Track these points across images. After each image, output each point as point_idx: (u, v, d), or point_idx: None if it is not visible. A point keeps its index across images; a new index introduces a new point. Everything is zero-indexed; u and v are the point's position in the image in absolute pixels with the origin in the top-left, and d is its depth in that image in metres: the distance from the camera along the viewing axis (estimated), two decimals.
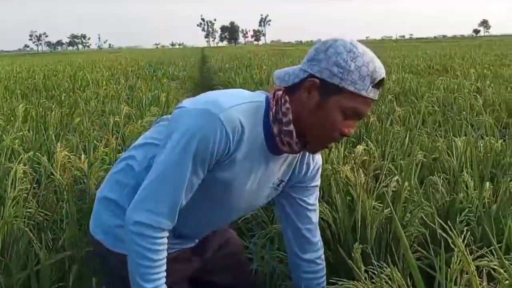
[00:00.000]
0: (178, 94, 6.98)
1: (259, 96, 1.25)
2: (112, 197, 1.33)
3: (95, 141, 3.16)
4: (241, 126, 1.17)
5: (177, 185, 1.17)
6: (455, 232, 1.31)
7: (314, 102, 1.17)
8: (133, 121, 3.97)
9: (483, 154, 2.64)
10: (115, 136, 3.30)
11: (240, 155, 1.20)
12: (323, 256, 1.53)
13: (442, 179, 2.29)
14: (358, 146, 2.66)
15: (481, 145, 2.71)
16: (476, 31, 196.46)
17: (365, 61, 1.14)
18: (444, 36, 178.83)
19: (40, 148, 3.01)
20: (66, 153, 2.69)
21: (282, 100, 1.20)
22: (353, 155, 2.61)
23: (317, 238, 1.51)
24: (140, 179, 1.24)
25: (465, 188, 2.18)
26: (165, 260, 1.21)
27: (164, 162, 1.17)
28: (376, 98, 1.19)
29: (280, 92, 1.22)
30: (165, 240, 1.21)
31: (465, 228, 2.02)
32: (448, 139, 2.96)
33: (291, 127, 1.19)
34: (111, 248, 1.32)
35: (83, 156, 2.77)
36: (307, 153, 1.38)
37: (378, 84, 1.16)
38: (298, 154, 1.36)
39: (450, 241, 1.22)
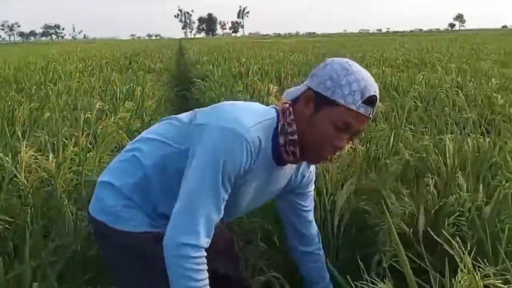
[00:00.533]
0: (154, 88, 6.76)
1: (271, 112, 1.34)
2: (116, 184, 1.39)
3: (64, 139, 2.97)
4: (259, 143, 1.27)
5: (211, 205, 1.25)
6: (457, 242, 1.21)
7: (309, 112, 1.27)
8: (106, 117, 3.78)
9: (471, 153, 2.55)
10: (86, 133, 3.12)
11: (254, 166, 1.31)
12: (321, 247, 1.71)
13: (433, 180, 2.20)
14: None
15: (469, 143, 2.61)
16: (452, 25, 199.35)
17: (357, 78, 1.23)
18: (420, 30, 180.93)
19: (4, 147, 2.81)
20: (33, 153, 2.51)
21: (287, 112, 1.30)
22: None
23: (314, 232, 1.68)
24: (148, 172, 1.36)
25: (457, 189, 2.08)
26: (207, 280, 1.27)
27: (196, 186, 1.24)
28: (368, 115, 1.26)
29: (287, 105, 1.32)
30: (205, 260, 1.27)
31: (457, 232, 1.95)
32: (433, 137, 2.88)
33: (295, 136, 1.29)
34: (112, 225, 1.38)
35: (51, 155, 2.59)
36: (303, 164, 1.50)
37: (369, 101, 1.24)
38: (295, 165, 1.47)
39: (458, 260, 1.11)
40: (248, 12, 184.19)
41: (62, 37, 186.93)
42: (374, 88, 1.25)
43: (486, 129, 3.36)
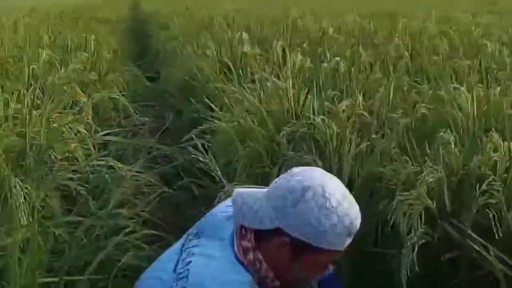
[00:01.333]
0: (109, 38, 6.19)
1: (241, 273, 1.07)
2: None
3: (6, 95, 2.48)
4: None
5: None
6: None
7: (285, 259, 1.08)
8: (55, 69, 3.26)
9: (484, 105, 2.24)
10: (32, 87, 2.62)
11: None
12: None
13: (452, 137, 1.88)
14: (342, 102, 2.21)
15: (481, 95, 2.30)
16: None
17: (340, 216, 1.03)
18: None
19: None
20: None
21: (257, 264, 1.09)
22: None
23: None
24: None
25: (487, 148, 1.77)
26: None
27: None
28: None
29: (251, 255, 1.08)
30: None
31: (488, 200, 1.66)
32: (439, 88, 2.55)
33: (277, 283, 1.11)
34: None
35: None
36: None
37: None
38: None
39: None
40: None
41: None
42: (358, 218, 1.06)
43: (486, 79, 3.07)
